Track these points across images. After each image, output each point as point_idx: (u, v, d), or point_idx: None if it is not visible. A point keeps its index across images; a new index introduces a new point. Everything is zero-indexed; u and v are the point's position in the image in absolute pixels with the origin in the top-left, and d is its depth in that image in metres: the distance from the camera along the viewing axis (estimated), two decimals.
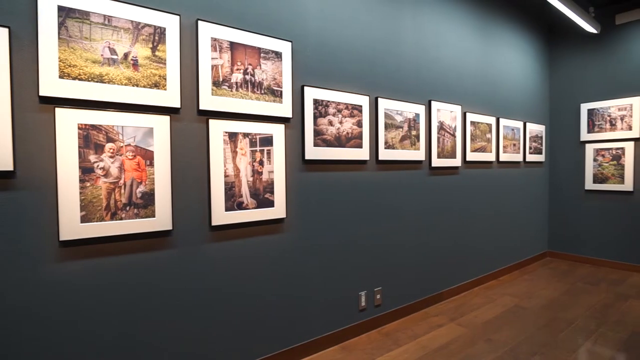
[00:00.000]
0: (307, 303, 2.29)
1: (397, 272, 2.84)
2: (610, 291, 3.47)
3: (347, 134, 2.43)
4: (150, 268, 1.70)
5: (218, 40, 1.85)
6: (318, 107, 2.27)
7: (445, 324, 2.77)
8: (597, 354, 2.33)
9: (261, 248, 2.07)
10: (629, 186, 4.10)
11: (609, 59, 4.24)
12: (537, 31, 4.47)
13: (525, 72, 4.25)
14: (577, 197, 4.53)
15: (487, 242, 3.74)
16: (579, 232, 4.52)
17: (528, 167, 4.36)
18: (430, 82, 3.06)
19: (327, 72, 2.36)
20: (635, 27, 4.04)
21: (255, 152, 2.00)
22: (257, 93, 1.99)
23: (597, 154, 4.34)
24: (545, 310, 3.02)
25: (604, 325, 2.73)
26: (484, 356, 2.31)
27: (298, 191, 2.23)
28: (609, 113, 4.24)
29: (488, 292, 3.48)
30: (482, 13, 3.59)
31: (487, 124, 3.68)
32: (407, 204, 2.90)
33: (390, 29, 2.73)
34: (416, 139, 2.92)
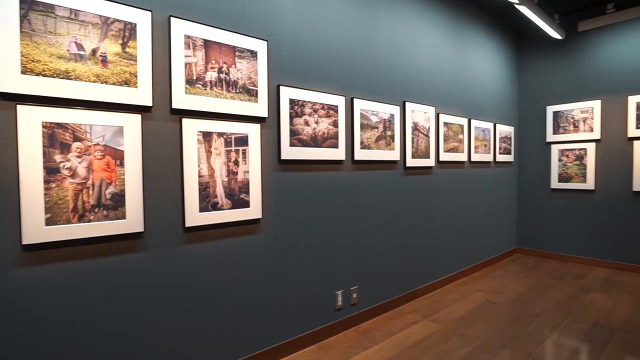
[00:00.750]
0: (284, 304, 2.28)
1: (372, 271, 2.87)
2: (574, 285, 3.64)
3: (323, 134, 2.44)
4: (122, 271, 1.65)
5: (191, 38, 1.82)
6: (294, 107, 2.27)
7: (419, 321, 2.82)
8: (562, 345, 2.44)
9: (237, 249, 2.05)
10: (590, 185, 4.32)
11: (573, 64, 4.45)
12: (507, 36, 4.64)
13: (495, 75, 4.40)
14: (543, 196, 4.73)
15: (459, 240, 3.85)
16: (545, 229, 4.72)
17: (498, 167, 4.52)
18: (404, 83, 3.11)
19: (303, 72, 2.36)
20: (596, 34, 4.26)
21: (231, 152, 1.98)
22: (232, 92, 1.97)
23: (561, 154, 4.55)
24: (514, 305, 3.14)
25: (569, 318, 2.86)
26: (457, 351, 2.37)
27: (274, 191, 2.22)
28: (573, 115, 4.45)
29: (461, 288, 3.58)
30: (455, 17, 3.69)
31: (460, 125, 3.78)
32: (382, 203, 2.94)
33: (365, 30, 2.76)
34: (391, 139, 2.96)
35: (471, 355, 2.32)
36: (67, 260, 1.52)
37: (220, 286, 1.98)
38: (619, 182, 4.14)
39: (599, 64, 4.25)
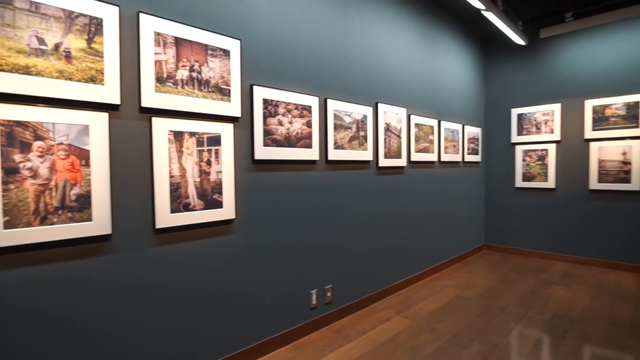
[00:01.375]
0: (259, 304, 2.27)
1: (346, 270, 2.90)
2: (536, 279, 3.83)
3: (297, 134, 2.44)
4: (89, 276, 1.59)
5: (162, 35, 1.77)
6: (268, 106, 2.26)
7: (392, 318, 2.88)
8: (526, 336, 2.56)
9: (210, 250, 2.02)
10: (551, 184, 4.55)
11: (535, 69, 4.68)
12: (474, 41, 4.81)
13: (463, 78, 4.55)
14: (508, 194, 4.94)
15: (430, 238, 3.96)
16: (510, 226, 4.94)
17: (466, 167, 4.68)
18: (377, 84, 3.16)
19: (277, 72, 2.35)
20: (556, 41, 4.50)
21: (203, 152, 1.95)
22: (204, 91, 1.94)
23: (525, 154, 4.77)
24: (482, 299, 3.26)
25: (531, 310, 3.01)
26: (429, 345, 2.44)
27: (248, 191, 2.20)
28: (535, 118, 4.67)
29: (432, 284, 3.68)
30: (425, 22, 3.79)
31: (430, 126, 3.88)
32: (355, 203, 2.98)
33: (339, 32, 2.78)
34: (364, 139, 3.01)
35: (442, 349, 2.39)
36: (28, 266, 1.45)
37: (193, 288, 1.94)
38: (577, 181, 4.39)
39: (559, 69, 4.48)
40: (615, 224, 4.14)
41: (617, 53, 4.08)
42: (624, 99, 4.03)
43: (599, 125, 4.20)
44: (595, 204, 4.26)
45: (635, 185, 3.98)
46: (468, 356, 2.30)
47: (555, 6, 4.23)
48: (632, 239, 4.04)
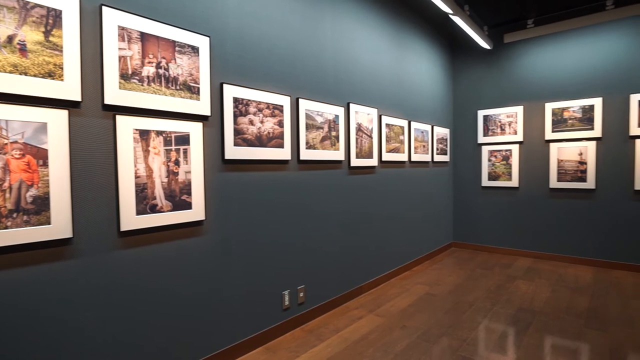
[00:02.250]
0: (231, 307, 2.23)
1: (319, 269, 2.91)
2: (502, 274, 3.98)
3: (268, 134, 2.42)
4: (48, 282, 1.50)
5: (126, 30, 1.71)
6: (238, 105, 2.23)
7: (365, 316, 2.91)
8: (492, 329, 2.66)
9: (179, 253, 1.96)
10: (515, 183, 4.75)
11: (499, 72, 4.87)
12: (443, 44, 4.94)
13: (432, 80, 4.67)
14: (475, 193, 5.11)
15: (401, 236, 4.03)
16: (477, 224, 5.11)
17: (436, 167, 4.80)
18: (348, 85, 3.19)
19: (248, 71, 2.32)
20: (519, 46, 4.70)
21: (171, 152, 1.89)
22: (171, 89, 1.88)
23: (490, 154, 4.95)
24: (451, 295, 3.36)
25: (497, 304, 3.13)
26: (400, 342, 2.48)
27: (218, 192, 2.16)
28: (500, 119, 4.86)
29: (403, 282, 3.75)
30: (396, 24, 3.85)
31: (400, 126, 3.96)
32: (328, 202, 2.99)
33: (311, 32, 2.78)
34: (336, 139, 3.02)
35: (413, 345, 2.44)
36: None
37: (161, 292, 1.88)
38: (538, 180, 4.60)
39: (522, 73, 4.69)
40: (573, 221, 4.38)
41: (575, 59, 4.32)
42: (580, 102, 4.27)
43: (558, 127, 4.42)
44: (555, 201, 4.48)
45: (591, 184, 4.22)
46: (437, 351, 2.35)
47: (517, 12, 4.42)
48: (588, 235, 4.28)
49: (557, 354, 2.31)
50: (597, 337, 2.52)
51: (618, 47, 4.06)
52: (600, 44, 4.15)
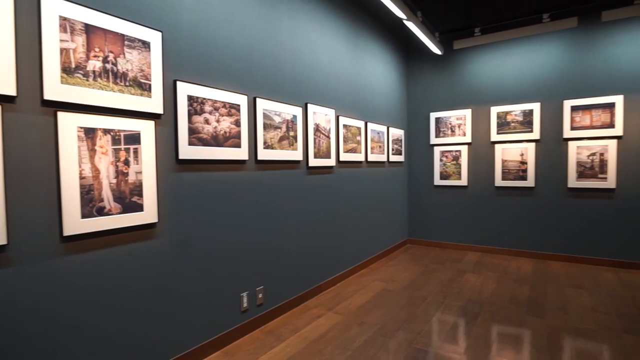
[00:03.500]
0: (186, 312, 2.16)
1: (278, 270, 2.89)
2: (452, 268, 4.19)
3: (224, 133, 2.37)
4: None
5: (69, 20, 1.60)
6: (193, 104, 2.16)
7: (324, 314, 2.94)
8: (444, 321, 2.79)
9: (130, 257, 1.87)
10: (464, 182, 5.02)
11: (450, 77, 5.12)
12: (398, 48, 5.11)
13: (388, 82, 4.81)
14: (428, 192, 5.34)
15: (359, 235, 4.11)
16: (430, 221, 5.34)
17: (391, 167, 4.95)
18: (306, 85, 3.20)
19: (203, 68, 2.26)
20: (468, 52, 4.97)
21: (120, 151, 1.79)
22: (120, 85, 1.79)
23: (442, 155, 5.19)
24: (406, 290, 3.48)
25: (449, 297, 3.29)
26: (358, 338, 2.53)
27: (172, 193, 2.08)
28: (450, 121, 5.11)
29: (360, 279, 3.83)
30: (353, 27, 3.93)
31: (357, 127, 4.04)
32: (286, 202, 2.98)
33: (268, 31, 2.76)
34: (294, 139, 3.02)
35: (370, 340, 2.50)
36: None
37: (111, 300, 1.78)
38: (485, 179, 4.90)
39: (470, 78, 4.96)
40: (515, 216, 4.70)
41: (516, 66, 4.64)
42: (521, 106, 4.60)
43: (502, 130, 4.73)
44: (500, 199, 4.80)
45: (531, 182, 4.56)
46: (394, 345, 2.43)
47: (465, 21, 4.68)
48: (529, 229, 4.62)
49: (502, 340, 2.47)
50: (536, 323, 2.73)
51: (553, 57, 4.42)
52: (538, 53, 4.50)
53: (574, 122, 4.30)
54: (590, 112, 4.21)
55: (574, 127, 4.30)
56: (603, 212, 4.20)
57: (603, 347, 2.37)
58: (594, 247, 4.26)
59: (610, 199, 4.16)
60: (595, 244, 4.26)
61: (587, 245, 4.30)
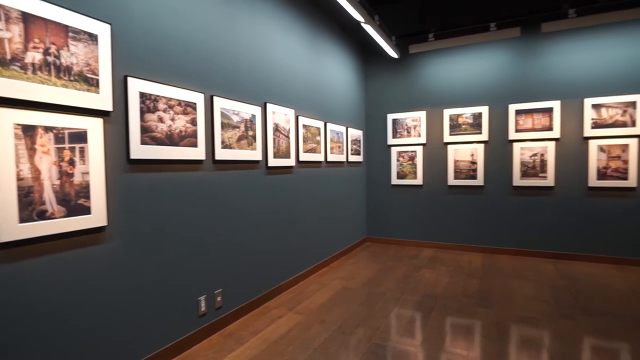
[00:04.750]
0: (140, 319, 2.06)
1: (237, 271, 2.84)
2: (409, 265, 4.34)
3: (180, 132, 2.29)
4: None
5: (3, 8, 1.47)
6: (146, 101, 2.07)
7: (284, 315, 2.93)
8: (402, 316, 2.88)
9: (77, 264, 1.75)
10: (420, 181, 5.22)
11: (405, 79, 5.29)
12: (356, 50, 5.20)
13: (346, 83, 4.88)
14: (386, 191, 5.49)
15: (319, 234, 4.14)
16: (388, 219, 5.49)
17: (350, 167, 5.03)
18: (265, 84, 3.17)
19: (157, 64, 2.17)
20: (422, 56, 5.16)
21: (64, 150, 1.68)
22: (64, 79, 1.67)
23: (399, 155, 5.36)
24: (366, 288, 3.55)
25: (406, 293, 3.40)
26: (319, 337, 2.55)
27: (123, 195, 1.98)
28: (406, 123, 5.29)
29: (321, 278, 3.86)
30: (312, 28, 3.94)
31: (317, 127, 4.06)
32: (245, 202, 2.94)
33: (226, 28, 2.70)
34: (253, 139, 2.99)
35: (331, 339, 2.52)
36: None
37: (54, 309, 1.65)
38: (439, 178, 5.12)
39: (424, 81, 5.16)
40: (467, 213, 4.96)
41: (467, 71, 4.89)
42: (471, 109, 4.86)
43: (454, 131, 4.97)
44: (453, 197, 5.04)
45: (480, 181, 4.83)
46: (354, 342, 2.48)
47: (420, 26, 4.86)
48: (478, 226, 4.90)
49: (455, 332, 2.60)
50: (486, 314, 2.90)
51: (500, 64, 4.71)
52: (486, 60, 4.78)
53: (518, 125, 4.61)
54: (532, 116, 4.54)
55: (518, 130, 4.62)
56: (543, 208, 4.54)
57: (544, 332, 2.56)
58: (536, 240, 4.60)
59: (549, 196, 4.51)
60: (537, 238, 4.59)
61: (530, 239, 4.63)
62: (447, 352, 2.33)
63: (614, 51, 4.18)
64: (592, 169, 4.28)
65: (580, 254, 4.39)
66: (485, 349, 2.35)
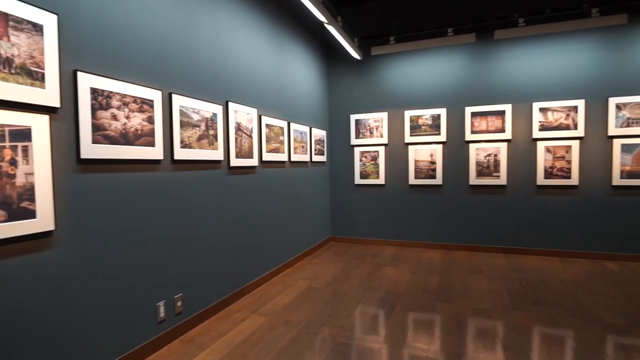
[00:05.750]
0: (94, 328, 1.94)
1: (199, 275, 2.76)
2: (372, 263, 4.42)
3: (136, 131, 2.18)
4: None
5: None
6: (98, 97, 1.95)
7: (248, 317, 2.88)
8: (365, 313, 2.93)
9: (21, 272, 1.62)
10: (382, 180, 5.33)
11: (368, 81, 5.39)
12: (320, 51, 5.22)
13: (310, 83, 4.89)
14: (349, 191, 5.56)
15: (283, 234, 4.12)
16: (351, 219, 5.57)
17: (314, 167, 5.04)
18: (227, 83, 3.11)
19: (110, 59, 2.05)
20: (384, 59, 5.27)
21: (4, 149, 1.55)
22: (4, 72, 1.54)
23: (362, 155, 5.45)
24: (330, 287, 3.58)
25: (369, 290, 3.46)
26: (283, 338, 2.53)
27: (73, 197, 1.86)
28: (369, 123, 5.38)
29: (285, 279, 3.83)
30: (275, 27, 3.91)
31: (280, 127, 4.04)
32: (207, 204, 2.86)
33: (184, 23, 2.61)
34: (214, 138, 2.91)
35: (295, 339, 2.51)
36: None
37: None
38: (400, 178, 5.26)
39: (386, 83, 5.28)
40: (427, 212, 5.13)
41: (426, 74, 5.06)
42: (430, 111, 5.03)
43: (415, 132, 5.13)
44: (413, 196, 5.19)
45: (439, 181, 5.01)
46: (319, 341, 2.48)
47: (382, 29, 4.96)
48: (438, 223, 5.08)
49: (417, 327, 2.68)
50: (445, 308, 3.01)
51: (456, 68, 4.91)
52: (444, 63, 4.97)
53: (474, 127, 4.84)
54: (487, 118, 4.78)
55: (474, 131, 4.84)
56: (496, 206, 4.80)
57: (497, 323, 2.70)
58: (490, 236, 4.85)
59: (502, 194, 4.77)
60: (491, 234, 4.84)
61: (485, 236, 4.87)
62: (409, 346, 2.40)
63: (559, 59, 4.49)
64: (540, 169, 4.58)
65: (530, 248, 4.68)
66: (445, 342, 2.44)
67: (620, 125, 4.28)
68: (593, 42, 4.37)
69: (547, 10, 4.25)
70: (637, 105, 4.22)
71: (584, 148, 4.44)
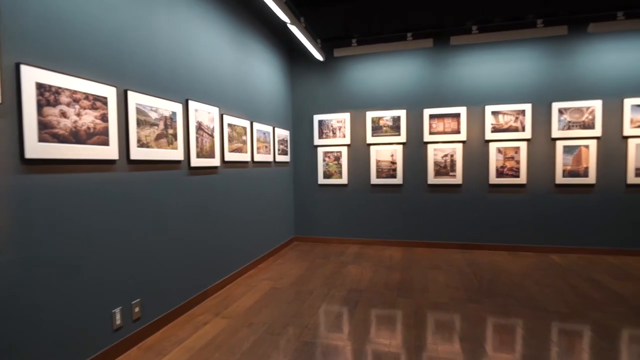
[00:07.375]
0: (42, 342, 1.81)
1: (158, 278, 2.66)
2: (336, 261, 4.47)
3: (88, 129, 2.07)
4: None
5: None
6: (45, 93, 1.83)
7: (210, 321, 2.82)
8: (329, 312, 2.96)
9: None
10: (345, 180, 5.41)
11: (330, 82, 5.44)
12: (283, 51, 5.20)
13: (273, 83, 4.86)
14: (313, 190, 5.59)
15: (247, 235, 4.06)
16: (315, 218, 5.60)
17: (278, 167, 5.02)
18: (187, 80, 3.02)
19: (58, 52, 1.93)
20: (347, 60, 5.35)
21: None
22: None
23: (325, 155, 5.49)
24: (294, 287, 3.58)
25: (333, 289, 3.50)
26: (246, 340, 2.50)
27: (16, 200, 1.73)
28: (332, 124, 5.44)
29: (249, 280, 3.79)
30: (238, 26, 3.85)
31: (243, 126, 3.98)
32: (166, 205, 2.76)
33: (141, 18, 2.51)
34: (174, 138, 2.82)
35: (259, 340, 2.49)
36: None
37: None
38: (362, 177, 5.36)
39: (348, 84, 5.36)
40: (387, 210, 5.27)
41: (386, 77, 5.20)
42: (391, 113, 5.17)
43: (376, 133, 5.25)
44: (375, 195, 5.31)
45: (399, 180, 5.17)
46: (283, 342, 2.48)
47: (344, 31, 5.04)
48: (398, 221, 5.23)
49: (379, 322, 2.75)
50: (406, 303, 3.11)
51: (415, 71, 5.09)
52: (404, 66, 5.13)
53: (432, 128, 5.03)
54: (444, 120, 4.99)
55: (432, 132, 5.03)
56: (453, 204, 5.02)
57: (454, 316, 2.84)
58: (447, 233, 5.07)
59: (458, 193, 5.00)
60: (448, 231, 5.06)
61: (442, 232, 5.08)
62: (372, 342, 2.45)
63: (509, 65, 4.78)
64: (492, 169, 4.85)
65: (483, 243, 4.95)
66: (406, 336, 2.53)
67: (562, 128, 4.63)
68: (538, 50, 4.69)
69: (498, 18, 4.52)
70: (576, 110, 4.58)
71: (531, 149, 4.76)
